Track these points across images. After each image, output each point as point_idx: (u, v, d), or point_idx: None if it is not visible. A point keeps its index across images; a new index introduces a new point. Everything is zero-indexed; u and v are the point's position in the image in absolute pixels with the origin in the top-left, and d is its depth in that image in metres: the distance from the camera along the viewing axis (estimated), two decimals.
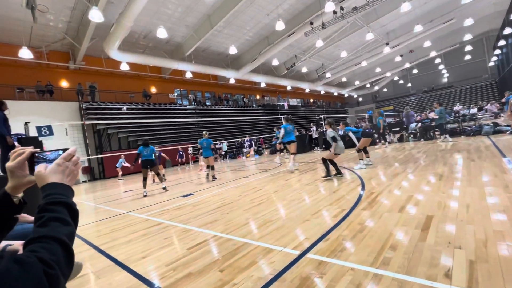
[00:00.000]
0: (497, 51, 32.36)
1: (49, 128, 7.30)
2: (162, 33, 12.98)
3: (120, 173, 13.82)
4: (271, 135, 24.25)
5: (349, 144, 11.75)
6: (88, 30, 13.70)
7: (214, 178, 8.10)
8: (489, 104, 18.83)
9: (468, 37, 26.61)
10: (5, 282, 0.48)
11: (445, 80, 40.19)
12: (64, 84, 16.76)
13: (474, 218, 2.44)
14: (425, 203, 3.04)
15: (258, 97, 31.69)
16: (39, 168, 0.76)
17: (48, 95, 15.29)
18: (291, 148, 7.82)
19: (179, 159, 17.46)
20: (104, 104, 17.05)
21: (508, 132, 9.13)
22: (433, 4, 21.47)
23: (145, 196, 6.81)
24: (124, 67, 15.94)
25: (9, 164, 0.83)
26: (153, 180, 9.90)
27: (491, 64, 35.82)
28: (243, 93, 29.82)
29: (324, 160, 5.67)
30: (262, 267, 2.11)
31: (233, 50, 16.92)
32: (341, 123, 7.02)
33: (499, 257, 1.76)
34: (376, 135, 12.24)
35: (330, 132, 5.60)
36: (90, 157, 13.01)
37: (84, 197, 8.44)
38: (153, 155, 7.04)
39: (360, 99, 48.09)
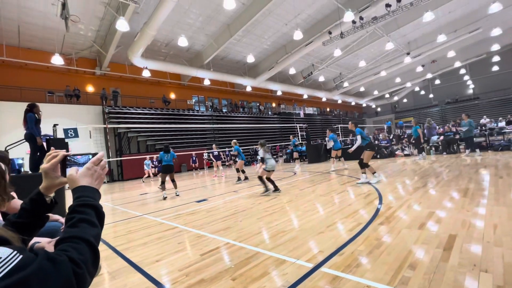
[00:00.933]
0: None
1: (75, 130, 7.69)
2: (183, 41, 13.45)
3: (146, 175, 14.13)
4: (287, 143, 24.14)
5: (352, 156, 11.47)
6: (114, 39, 14.45)
7: (246, 178, 8.84)
8: None
9: (495, 47, 25.48)
10: (39, 279, 0.51)
11: (470, 91, 38.49)
12: (90, 89, 17.67)
13: (502, 239, 2.29)
14: (448, 221, 2.90)
15: (274, 105, 31.79)
16: (71, 171, 0.81)
17: (75, 99, 16.16)
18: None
19: (192, 164, 17.75)
20: (125, 109, 17.75)
21: None
22: (458, 13, 20.82)
23: (165, 198, 6.96)
24: (146, 73, 16.60)
25: (44, 165, 0.89)
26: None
27: None
28: (259, 101, 30.04)
29: (260, 178, 6.06)
30: (274, 279, 2.08)
31: (250, 59, 17.19)
32: (328, 130, 7.01)
33: None
34: (411, 146, 11.89)
35: (260, 152, 6.09)
36: (110, 159, 13.51)
37: (103, 198, 8.73)
38: (173, 161, 7.28)
39: (379, 109, 46.99)
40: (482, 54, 31.51)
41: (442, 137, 11.59)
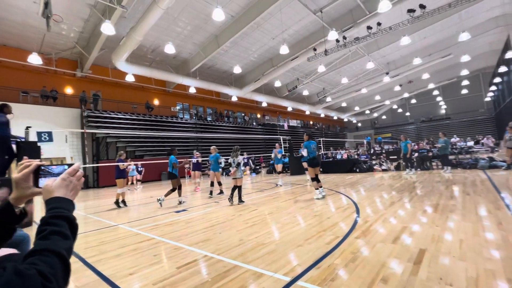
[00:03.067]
0: (493, 87, 33.39)
1: (49, 134, 7.32)
2: (170, 49, 13.42)
3: (129, 182, 12.46)
4: (270, 154, 24.31)
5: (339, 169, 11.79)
6: (99, 41, 14.15)
7: (221, 192, 8.10)
8: (485, 138, 19.12)
9: (465, 72, 27.57)
10: None
11: (443, 111, 41.05)
12: (68, 90, 17.02)
13: (466, 254, 2.44)
14: (419, 235, 3.04)
15: (258, 116, 32.10)
16: (48, 181, 0.80)
17: (51, 100, 15.47)
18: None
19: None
20: (106, 113, 17.21)
21: (503, 168, 9.23)
22: (432, 39, 22.45)
23: (182, 202, 6.91)
24: (130, 78, 16.29)
25: (15, 175, 0.86)
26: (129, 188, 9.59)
27: (488, 99, 36.82)
28: (244, 111, 30.22)
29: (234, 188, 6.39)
30: None
31: (237, 70, 17.41)
32: (305, 134, 7.04)
33: None
34: (389, 161, 12.29)
35: (239, 158, 6.46)
36: (86, 165, 12.92)
37: (75, 206, 8.28)
38: (174, 166, 6.84)
39: (359, 124, 48.77)
40: (453, 78, 33.97)
41: (416, 154, 12.18)
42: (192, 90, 20.19)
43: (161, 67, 19.08)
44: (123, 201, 7.43)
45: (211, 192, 7.99)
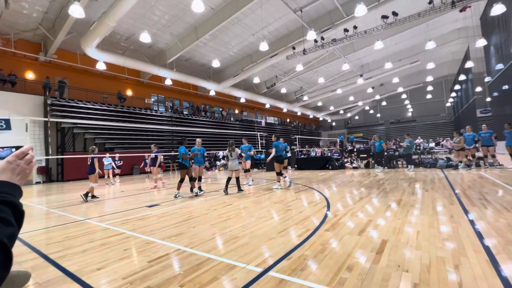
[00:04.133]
0: (453, 94, 36.31)
1: (7, 121, 6.72)
2: (145, 37, 12.85)
3: (105, 175, 11.65)
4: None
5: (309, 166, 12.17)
6: (66, 24, 13.15)
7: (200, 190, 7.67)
8: (444, 140, 20.77)
9: (429, 78, 29.65)
10: None
11: (410, 114, 43.84)
12: (30, 75, 15.66)
13: (422, 244, 2.67)
14: (383, 228, 3.26)
15: (236, 111, 31.97)
16: None
17: (9, 85, 14.15)
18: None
19: (147, 167, 16.78)
20: (73, 102, 16.13)
21: (460, 167, 10.12)
22: (402, 45, 23.79)
23: (199, 194, 6.90)
24: (101, 66, 15.37)
25: None
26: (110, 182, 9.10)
27: (448, 104, 40.00)
28: (222, 106, 29.93)
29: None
30: (223, 284, 2.11)
31: (216, 63, 17.16)
32: (273, 136, 7.71)
33: (438, 282, 1.95)
34: (359, 159, 12.84)
35: (238, 151, 7.34)
36: (49, 157, 12.05)
37: (36, 200, 7.74)
38: (183, 157, 6.86)
39: (334, 123, 50.50)
40: (420, 83, 36.35)
41: (385, 153, 12.92)
42: (168, 82, 19.57)
43: (136, 56, 18.22)
44: (93, 196, 7.14)
45: (191, 189, 7.72)
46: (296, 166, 15.31)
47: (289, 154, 16.46)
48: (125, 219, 4.63)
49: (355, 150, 14.89)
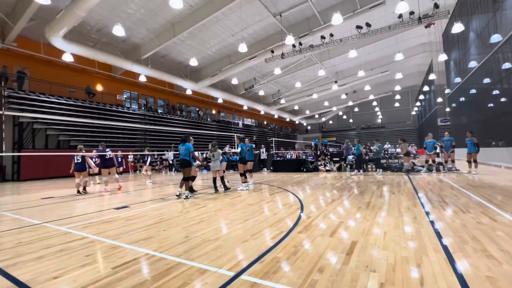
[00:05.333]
0: (418, 103, 39.06)
1: None
2: (119, 31, 12.24)
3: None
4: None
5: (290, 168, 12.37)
6: (28, 10, 12.12)
7: (226, 187, 7.51)
8: (410, 146, 22.17)
9: (398, 88, 31.60)
10: None
11: (379, 120, 46.35)
12: None
13: (388, 244, 2.80)
14: (353, 229, 3.37)
15: (213, 112, 31.60)
16: None
17: None
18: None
19: (117, 167, 16.03)
20: (34, 94, 14.88)
21: (422, 172, 10.84)
22: (374, 55, 25.13)
23: (186, 197, 6.39)
24: (68, 58, 14.36)
25: None
26: (84, 187, 8.55)
27: (413, 113, 42.92)
28: (199, 106, 29.44)
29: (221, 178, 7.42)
30: None
31: (193, 62, 16.83)
32: (236, 138, 7.94)
33: (402, 280, 2.04)
34: (332, 162, 13.22)
35: (220, 152, 7.51)
36: (3, 154, 10.98)
37: None
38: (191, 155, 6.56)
39: (309, 127, 51.85)
40: (389, 92, 38.63)
41: (355, 157, 13.48)
42: (142, 79, 18.82)
43: (108, 49, 17.29)
44: (84, 188, 7.76)
45: (191, 189, 7.33)
46: (272, 168, 15.44)
47: (263, 156, 16.64)
48: (88, 222, 4.33)
49: (328, 153, 15.36)
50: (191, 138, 7.13)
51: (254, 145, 8.80)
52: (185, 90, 23.67)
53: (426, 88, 29.58)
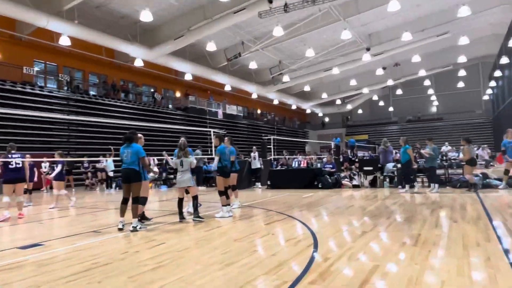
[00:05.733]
0: (493, 83, 39.73)
1: None
2: None
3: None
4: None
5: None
6: None
7: (198, 216, 7.29)
8: (480, 149, 22.61)
9: (462, 59, 32.19)
10: None
11: (434, 109, 47.15)
12: None
13: None
14: (394, 277, 3.40)
15: (178, 94, 31.51)
16: None
17: None
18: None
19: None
20: None
21: (500, 187, 11.05)
22: (426, 8, 25.47)
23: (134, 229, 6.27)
24: None
25: None
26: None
27: (486, 97, 43.75)
28: (155, 85, 29.28)
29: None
30: None
31: (147, 16, 16.73)
32: (215, 136, 7.95)
33: None
34: (363, 174, 13.30)
35: (192, 159, 7.51)
36: None
37: None
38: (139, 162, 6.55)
39: (327, 119, 52.30)
40: (449, 65, 39.27)
41: (399, 165, 13.66)
42: (64, 42, 18.58)
43: None
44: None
45: (195, 209, 7.32)
46: (269, 183, 15.48)
47: (258, 165, 16.68)
48: None
49: (357, 159, 15.52)
50: (140, 136, 7.06)
51: (235, 151, 8.58)
52: (133, 61, 23.48)
53: (504, 60, 30.17)
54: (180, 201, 7.40)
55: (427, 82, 43.38)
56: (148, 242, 5.39)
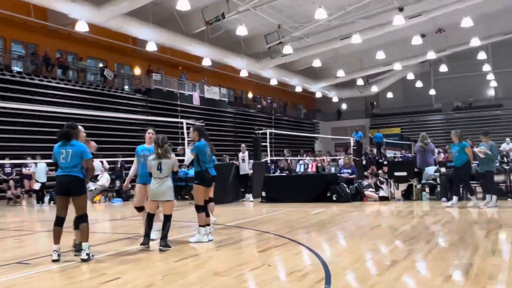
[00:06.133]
0: None
1: None
2: None
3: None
4: None
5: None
6: None
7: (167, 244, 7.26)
8: None
9: None
10: None
11: (491, 93, 47.32)
12: None
13: None
14: None
15: (138, 71, 31.38)
16: None
17: None
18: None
19: None
20: None
21: None
22: None
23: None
24: None
25: None
26: None
27: None
28: (105, 59, 29.12)
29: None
30: None
31: None
32: (192, 129, 7.94)
33: None
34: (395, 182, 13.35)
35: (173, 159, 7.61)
36: None
37: None
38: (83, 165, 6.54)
39: (344, 106, 52.32)
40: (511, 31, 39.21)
41: (443, 170, 13.72)
42: None
43: None
44: None
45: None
46: (265, 193, 15.47)
47: (246, 169, 16.65)
48: None
49: (385, 162, 15.59)
50: (80, 129, 6.95)
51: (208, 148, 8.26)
52: (74, 24, 23.29)
53: None
54: (150, 219, 7.21)
55: (481, 56, 43.28)
56: (97, 277, 5.32)
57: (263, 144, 20.05)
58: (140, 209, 8.34)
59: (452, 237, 7.19)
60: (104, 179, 18.94)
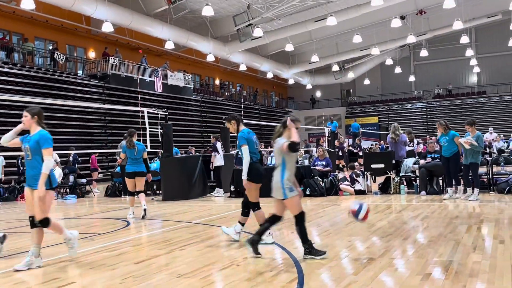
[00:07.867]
0: None
1: None
2: None
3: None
4: (114, 151, 23.75)
5: None
6: None
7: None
8: None
9: None
10: None
11: (474, 79, 48.28)
12: None
13: None
14: None
15: (93, 55, 30.91)
16: None
17: None
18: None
19: None
20: None
21: None
22: None
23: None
24: None
25: None
26: None
27: None
28: (56, 40, 28.60)
29: None
30: None
31: None
32: (228, 120, 7.61)
33: None
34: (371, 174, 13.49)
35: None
36: None
37: None
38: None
39: (318, 94, 52.64)
40: (496, 13, 40.10)
41: (422, 161, 13.95)
42: None
43: None
44: None
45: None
46: (233, 188, 15.49)
47: (217, 160, 16.65)
48: None
49: (360, 152, 15.78)
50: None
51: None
52: (19, 0, 22.76)
53: None
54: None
55: (464, 40, 43.89)
56: (49, 282, 5.26)
57: (231, 134, 20.03)
58: None
59: (432, 232, 7.33)
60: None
